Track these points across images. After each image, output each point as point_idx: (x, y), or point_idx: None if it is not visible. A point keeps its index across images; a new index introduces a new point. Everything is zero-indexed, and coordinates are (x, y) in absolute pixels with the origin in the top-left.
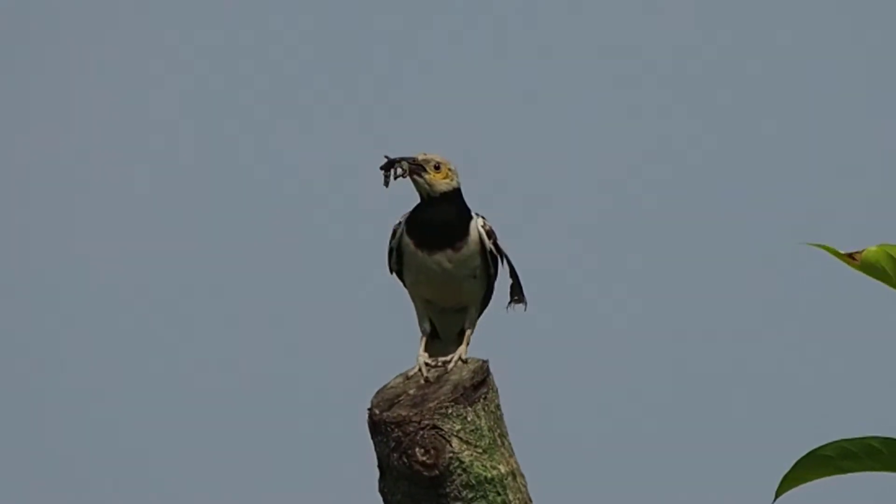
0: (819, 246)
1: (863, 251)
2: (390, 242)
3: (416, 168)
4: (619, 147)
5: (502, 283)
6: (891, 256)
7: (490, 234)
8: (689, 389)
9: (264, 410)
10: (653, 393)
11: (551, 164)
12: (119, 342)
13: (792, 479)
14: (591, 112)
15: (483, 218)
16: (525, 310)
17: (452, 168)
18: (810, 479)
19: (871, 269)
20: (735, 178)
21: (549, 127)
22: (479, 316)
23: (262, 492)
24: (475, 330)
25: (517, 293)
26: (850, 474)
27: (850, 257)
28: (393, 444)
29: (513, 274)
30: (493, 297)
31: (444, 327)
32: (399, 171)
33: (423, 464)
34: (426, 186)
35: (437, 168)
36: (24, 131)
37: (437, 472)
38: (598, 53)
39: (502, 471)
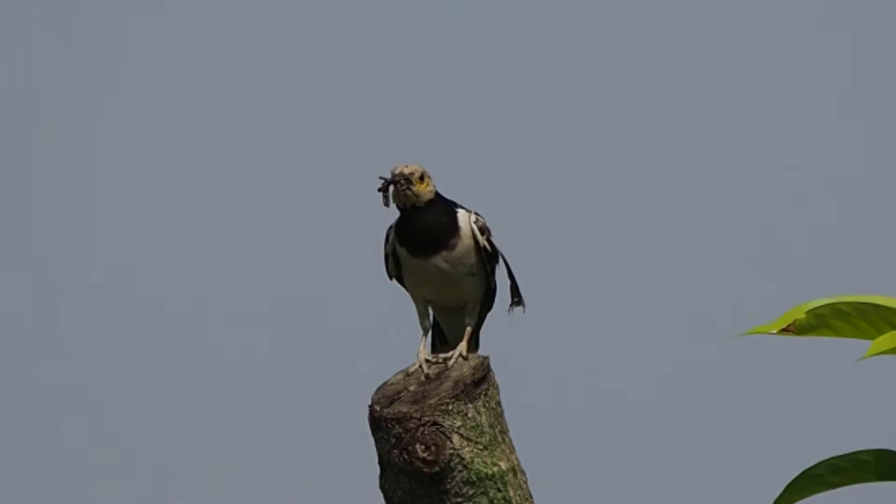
0: (749, 332)
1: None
2: (385, 248)
3: (405, 183)
4: None
5: (505, 283)
6: (822, 315)
7: (483, 230)
8: (689, 388)
9: (264, 408)
10: (654, 392)
11: None
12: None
13: (783, 501)
14: None
15: (476, 214)
16: (524, 312)
17: (430, 175)
18: (801, 499)
19: (812, 329)
20: None
21: None
22: (482, 314)
23: (263, 489)
24: (481, 330)
25: (515, 295)
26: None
27: (785, 331)
28: (393, 441)
29: (510, 275)
30: (497, 297)
31: (450, 328)
32: (393, 189)
33: (423, 460)
34: (413, 198)
35: (421, 179)
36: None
37: (437, 468)
38: None
39: (503, 467)
